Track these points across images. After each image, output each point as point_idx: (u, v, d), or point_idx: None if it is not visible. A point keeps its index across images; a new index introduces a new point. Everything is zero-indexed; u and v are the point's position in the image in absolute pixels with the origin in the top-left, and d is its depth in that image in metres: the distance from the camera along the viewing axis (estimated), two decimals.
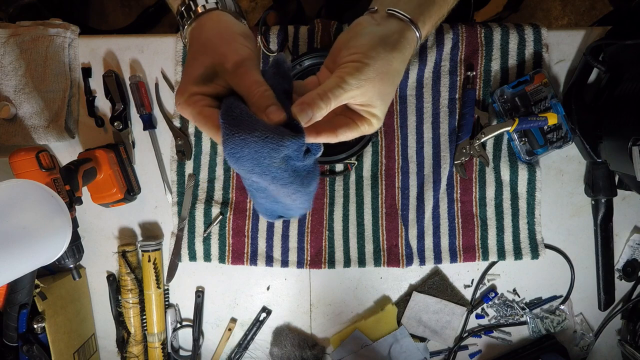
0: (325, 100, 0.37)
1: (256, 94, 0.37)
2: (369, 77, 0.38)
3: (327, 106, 0.38)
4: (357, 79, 0.38)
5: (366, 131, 0.42)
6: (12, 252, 0.43)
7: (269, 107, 0.36)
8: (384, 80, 0.39)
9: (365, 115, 0.41)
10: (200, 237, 0.75)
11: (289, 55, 0.73)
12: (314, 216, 0.74)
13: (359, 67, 0.38)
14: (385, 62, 0.39)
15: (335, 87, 0.38)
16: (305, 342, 0.77)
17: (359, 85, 0.38)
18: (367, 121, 0.41)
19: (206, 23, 0.42)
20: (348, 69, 0.38)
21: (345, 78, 0.38)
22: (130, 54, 0.74)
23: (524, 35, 0.70)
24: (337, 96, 0.38)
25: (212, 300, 0.78)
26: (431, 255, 0.74)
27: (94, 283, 0.79)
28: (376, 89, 0.39)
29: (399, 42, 0.40)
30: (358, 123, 0.41)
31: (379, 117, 0.41)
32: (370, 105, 0.40)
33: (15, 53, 0.72)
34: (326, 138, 0.41)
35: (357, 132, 0.42)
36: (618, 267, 0.75)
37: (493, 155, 0.73)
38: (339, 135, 0.41)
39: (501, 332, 0.77)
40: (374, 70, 0.39)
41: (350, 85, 0.38)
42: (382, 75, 0.39)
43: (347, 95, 0.39)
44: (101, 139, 0.76)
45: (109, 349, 0.80)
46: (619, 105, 0.63)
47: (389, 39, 0.40)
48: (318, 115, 0.38)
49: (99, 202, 0.71)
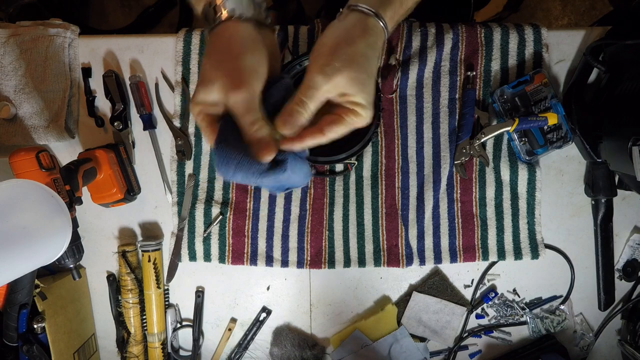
0: (301, 105, 0.39)
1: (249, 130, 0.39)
2: (335, 67, 0.39)
3: (306, 109, 0.40)
4: (323, 72, 0.39)
5: (355, 122, 0.42)
6: (12, 252, 0.43)
7: (259, 145, 0.38)
8: (352, 66, 0.40)
9: (348, 105, 0.41)
10: (200, 237, 0.75)
11: (289, 56, 0.73)
12: (314, 216, 0.74)
13: (324, 60, 0.40)
14: (347, 48, 0.40)
15: (306, 88, 0.39)
16: (305, 342, 0.77)
17: (327, 78, 0.39)
18: (352, 112, 0.41)
19: (224, 33, 0.43)
20: (313, 66, 0.40)
21: (312, 76, 0.39)
22: (130, 54, 0.74)
23: (524, 35, 0.70)
24: (311, 96, 0.39)
25: (212, 300, 0.78)
26: (431, 255, 0.74)
27: (94, 283, 0.79)
28: (346, 77, 0.39)
29: (363, 31, 0.41)
30: (343, 115, 0.41)
31: (362, 104, 0.41)
32: (347, 94, 0.40)
33: (15, 53, 0.72)
34: (314, 140, 0.41)
35: (345, 126, 0.42)
36: (618, 267, 0.75)
37: (493, 155, 0.73)
38: (327, 133, 0.41)
39: (501, 332, 0.77)
40: (337, 59, 0.39)
41: (318, 81, 0.39)
42: (348, 61, 0.40)
43: (320, 92, 0.40)
44: (101, 139, 0.76)
45: (109, 349, 0.80)
46: (619, 105, 0.63)
47: (350, 29, 0.41)
48: (301, 121, 0.40)
49: (99, 202, 0.71)
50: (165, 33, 0.76)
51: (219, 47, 0.42)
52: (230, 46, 0.42)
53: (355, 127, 0.42)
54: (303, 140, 0.41)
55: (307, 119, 0.40)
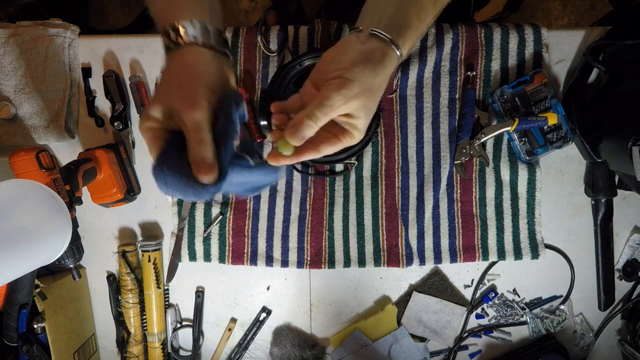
0: (314, 119, 0.40)
1: (195, 149, 0.39)
2: (354, 92, 0.41)
3: (317, 123, 0.41)
4: (343, 95, 0.40)
5: (347, 143, 0.44)
6: (12, 252, 0.43)
7: (202, 164, 0.39)
8: (367, 96, 0.42)
9: (347, 127, 0.43)
10: (200, 237, 0.75)
11: (289, 56, 0.73)
12: (314, 216, 0.74)
13: (344, 83, 0.41)
14: (368, 78, 0.42)
15: (322, 105, 0.40)
16: (305, 342, 0.77)
17: (344, 101, 0.41)
18: (349, 134, 0.44)
19: (183, 59, 0.43)
20: (333, 86, 0.41)
21: (331, 95, 0.40)
22: (130, 54, 0.74)
23: (524, 35, 0.70)
24: (326, 113, 0.41)
25: (212, 300, 0.78)
26: (431, 255, 0.74)
27: (94, 283, 0.79)
28: (360, 103, 0.42)
29: (382, 60, 0.43)
30: (340, 137, 0.44)
31: (360, 129, 0.44)
32: (353, 116, 0.42)
33: (15, 53, 0.72)
34: (310, 157, 0.44)
35: (338, 146, 0.44)
36: (618, 267, 0.75)
37: (493, 155, 0.73)
38: (322, 151, 0.44)
39: (501, 332, 0.77)
40: (358, 85, 0.41)
41: (336, 101, 0.40)
42: (366, 91, 0.42)
43: (334, 111, 0.41)
44: (101, 139, 0.76)
45: (109, 349, 0.80)
46: (619, 105, 0.63)
47: (372, 56, 0.42)
48: (309, 133, 0.41)
49: (99, 202, 0.71)
50: None
51: (180, 69, 0.43)
52: (191, 70, 0.43)
53: (346, 146, 0.45)
54: (300, 157, 0.44)
55: (314, 133, 0.42)
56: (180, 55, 0.43)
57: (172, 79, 0.43)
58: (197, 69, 0.43)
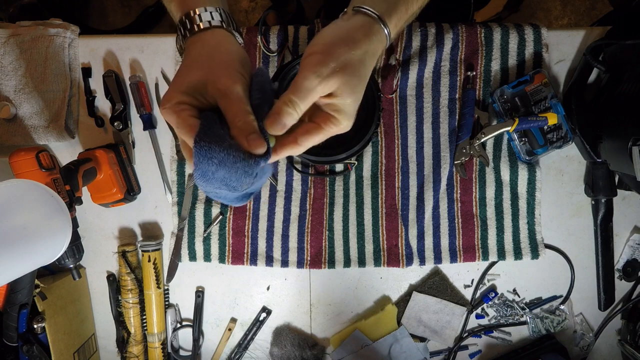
0: (292, 105, 0.38)
1: (242, 120, 0.37)
2: (330, 68, 0.38)
3: (296, 109, 0.38)
4: (317, 73, 0.37)
5: (333, 131, 0.41)
6: (12, 252, 0.43)
7: (252, 134, 0.36)
8: (348, 72, 0.38)
9: (331, 112, 0.40)
10: (200, 237, 0.75)
11: (289, 56, 0.73)
12: (314, 216, 0.74)
13: (320, 60, 0.38)
14: (345, 51, 0.38)
15: (298, 88, 0.38)
16: (305, 342, 0.77)
17: (321, 79, 0.37)
18: (332, 120, 0.40)
19: (209, 40, 0.43)
20: (307, 64, 0.38)
21: (305, 75, 0.37)
22: (130, 54, 0.74)
23: (524, 35, 0.70)
24: (303, 98, 0.38)
25: (212, 300, 0.78)
26: (431, 255, 0.74)
27: (94, 283, 0.79)
28: (340, 80, 0.38)
29: (366, 35, 0.40)
30: (322, 125, 0.40)
31: (346, 112, 0.40)
32: (335, 95, 0.39)
33: (15, 53, 0.72)
34: (289, 152, 0.40)
35: (322, 134, 0.40)
36: (618, 267, 0.75)
37: (493, 155, 0.73)
38: (302, 143, 0.40)
39: (501, 332, 0.77)
40: (334, 60, 0.38)
41: (311, 81, 0.37)
42: (345, 66, 0.38)
43: (313, 94, 0.38)
44: (101, 139, 0.76)
45: (109, 349, 0.80)
46: (619, 105, 0.63)
47: (353, 32, 0.40)
48: (290, 122, 0.38)
49: (99, 202, 0.71)
50: (165, 33, 0.76)
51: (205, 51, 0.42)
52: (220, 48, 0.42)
53: (332, 135, 0.41)
54: (279, 154, 0.40)
55: (296, 119, 0.39)
56: (200, 39, 0.43)
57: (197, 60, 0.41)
58: (227, 47, 0.42)
